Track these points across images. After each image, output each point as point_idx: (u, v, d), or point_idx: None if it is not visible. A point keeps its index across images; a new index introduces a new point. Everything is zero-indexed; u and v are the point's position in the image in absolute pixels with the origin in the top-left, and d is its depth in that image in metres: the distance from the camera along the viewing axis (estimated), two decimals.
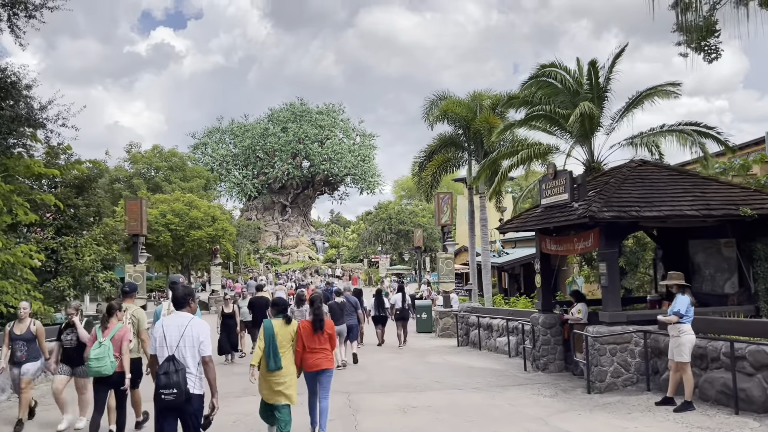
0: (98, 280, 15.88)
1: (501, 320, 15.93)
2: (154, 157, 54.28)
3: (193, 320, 5.52)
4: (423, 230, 44.58)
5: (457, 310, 20.99)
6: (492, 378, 12.16)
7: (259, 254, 75.83)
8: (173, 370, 5.23)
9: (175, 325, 5.47)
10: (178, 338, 5.39)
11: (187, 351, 5.38)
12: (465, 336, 18.32)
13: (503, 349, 15.53)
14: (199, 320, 5.65)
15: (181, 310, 5.63)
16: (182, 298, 5.68)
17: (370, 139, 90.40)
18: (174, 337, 5.40)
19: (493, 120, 22.34)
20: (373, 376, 12.46)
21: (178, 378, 5.21)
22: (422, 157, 25.29)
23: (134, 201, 19.29)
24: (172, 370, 5.23)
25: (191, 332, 5.43)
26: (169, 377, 5.20)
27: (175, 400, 5.20)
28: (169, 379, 5.19)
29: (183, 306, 5.64)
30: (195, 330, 5.46)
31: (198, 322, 5.56)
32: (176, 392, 5.17)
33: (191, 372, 5.35)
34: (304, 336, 7.32)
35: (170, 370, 5.23)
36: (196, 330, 5.47)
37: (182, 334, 5.40)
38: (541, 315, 12.54)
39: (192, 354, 5.40)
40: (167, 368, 5.25)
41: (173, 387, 5.18)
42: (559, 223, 10.87)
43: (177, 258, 36.67)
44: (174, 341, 5.39)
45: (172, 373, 5.22)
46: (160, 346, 5.42)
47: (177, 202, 36.01)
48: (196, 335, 5.44)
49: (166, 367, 5.26)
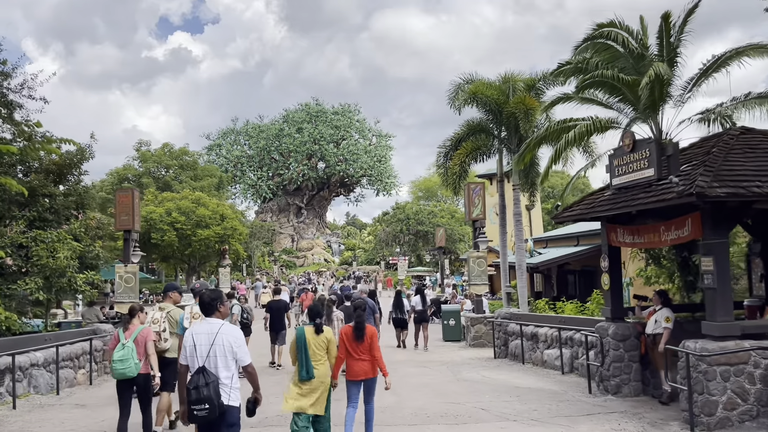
0: (76, 282, 13.60)
1: (550, 329, 13.41)
2: (164, 155, 52.38)
3: (223, 326, 5.12)
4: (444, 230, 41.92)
5: (491, 315, 18.49)
6: (550, 403, 9.65)
7: (274, 256, 73.73)
8: (203, 383, 4.83)
9: (205, 333, 5.08)
10: (208, 347, 5.01)
11: (218, 360, 5.00)
12: (503, 347, 15.79)
13: (553, 364, 13.01)
14: (231, 326, 5.23)
15: (210, 316, 5.22)
16: (209, 304, 5.25)
17: (387, 139, 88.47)
18: (204, 346, 5.02)
19: (530, 101, 19.82)
20: (402, 400, 10.01)
21: (209, 392, 4.82)
22: (448, 145, 22.77)
23: (125, 193, 16.96)
24: (202, 383, 4.83)
25: (222, 340, 5.04)
26: (200, 392, 4.81)
27: (209, 415, 4.82)
28: (200, 394, 4.81)
29: (212, 312, 5.23)
30: (227, 337, 5.06)
31: (229, 329, 5.16)
32: (209, 407, 4.80)
33: (224, 383, 4.97)
34: (347, 342, 7.14)
35: (200, 384, 4.83)
36: (228, 337, 5.07)
37: (213, 342, 5.02)
38: (612, 324, 10.01)
39: (225, 363, 5.02)
40: (197, 382, 4.86)
41: (204, 402, 4.80)
42: (645, 206, 8.36)
43: (183, 259, 34.48)
44: (204, 350, 5.01)
45: (202, 387, 4.82)
46: (190, 356, 5.05)
47: (184, 200, 33.84)
48: (228, 343, 5.05)
49: (196, 381, 4.87)
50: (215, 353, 5.00)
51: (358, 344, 7.10)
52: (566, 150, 13.32)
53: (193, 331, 5.17)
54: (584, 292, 23.50)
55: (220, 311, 5.28)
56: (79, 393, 11.65)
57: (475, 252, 18.64)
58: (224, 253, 31.69)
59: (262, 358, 14.12)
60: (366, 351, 7.12)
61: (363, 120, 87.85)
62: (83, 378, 12.81)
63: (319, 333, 6.87)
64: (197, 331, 5.13)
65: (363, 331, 7.12)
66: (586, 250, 24.62)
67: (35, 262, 12.74)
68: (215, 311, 5.25)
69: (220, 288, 32.47)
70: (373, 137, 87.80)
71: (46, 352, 11.51)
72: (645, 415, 8.66)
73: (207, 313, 5.27)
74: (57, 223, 14.06)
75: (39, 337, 11.98)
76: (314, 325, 6.93)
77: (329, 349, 6.91)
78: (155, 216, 32.19)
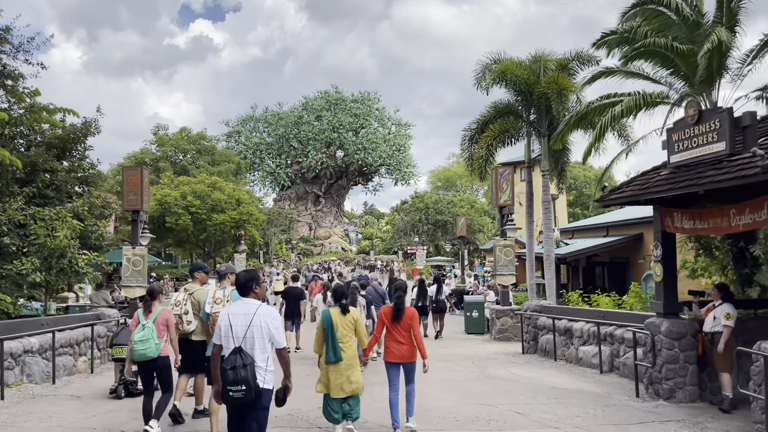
0: (77, 263, 12.70)
1: (586, 324, 12.28)
2: (182, 139, 51.76)
3: (260, 308, 4.99)
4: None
5: (517, 308, 17.40)
6: (594, 408, 8.57)
7: (291, 244, 73.04)
8: (240, 364, 4.70)
9: (241, 314, 4.93)
10: (245, 328, 4.88)
11: (255, 342, 4.86)
12: (532, 341, 14.70)
13: (590, 362, 11.90)
14: (268, 307, 5.12)
15: (247, 296, 5.07)
16: (245, 284, 5.12)
17: (406, 128, 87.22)
18: (241, 327, 4.89)
19: (564, 81, 18.60)
20: (427, 400, 8.98)
21: (247, 373, 4.68)
22: (473, 128, 21.61)
23: (133, 171, 16.09)
24: (240, 364, 4.70)
25: (259, 321, 4.90)
26: (237, 372, 4.67)
27: (245, 397, 4.69)
28: (237, 375, 4.67)
29: (247, 292, 5.08)
30: (264, 319, 4.93)
31: (267, 310, 5.04)
32: (245, 389, 4.67)
33: (260, 365, 4.83)
34: (386, 321, 7.17)
35: (237, 365, 4.70)
36: (265, 318, 4.95)
37: (250, 324, 4.88)
38: (665, 321, 8.88)
39: (261, 346, 4.89)
40: (234, 362, 4.72)
41: (242, 383, 4.66)
42: (717, 185, 7.19)
43: (198, 244, 33.68)
44: (241, 331, 4.88)
45: (239, 367, 4.69)
46: (225, 337, 4.92)
47: (200, 184, 33.00)
48: (265, 324, 4.92)
49: (233, 361, 4.73)
50: (252, 335, 4.86)
51: (396, 325, 7.09)
52: (612, 125, 12.09)
53: (229, 312, 5.02)
54: (613, 285, 22.36)
55: (255, 292, 5.11)
56: (77, 382, 10.80)
57: (502, 240, 17.50)
58: (240, 239, 30.87)
59: None
60: (406, 333, 7.10)
61: (382, 108, 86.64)
62: (84, 366, 11.98)
63: (346, 313, 6.93)
64: (233, 312, 4.98)
65: (402, 312, 7.12)
66: (616, 241, 23.35)
67: (32, 241, 11.86)
68: (251, 292, 5.09)
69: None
70: (393, 126, 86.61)
71: (42, 337, 10.66)
72: (707, 426, 7.55)
73: (243, 294, 5.12)
74: (58, 201, 13.16)
75: (35, 322, 11.13)
76: (340, 306, 6.98)
77: (357, 329, 6.98)
78: (170, 199, 31.44)
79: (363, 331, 7.08)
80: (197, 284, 8.19)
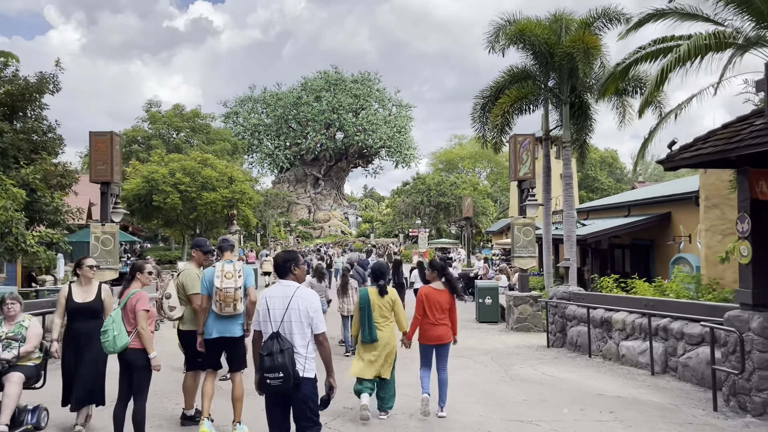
0: (24, 240, 10.67)
1: (630, 315, 10.32)
2: (175, 117, 49.57)
3: (299, 290, 4.60)
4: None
5: (537, 294, 15.47)
6: (667, 426, 6.62)
7: (290, 227, 71.09)
8: (278, 349, 4.33)
9: (279, 296, 4.55)
10: (283, 311, 4.49)
11: (294, 326, 4.47)
12: (559, 333, 12.76)
13: (635, 360, 9.95)
14: (307, 290, 4.70)
15: (285, 278, 4.67)
16: (283, 265, 4.70)
17: (407, 110, 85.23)
18: (279, 311, 4.50)
19: (591, 38, 16.46)
20: (448, 410, 7.03)
21: (284, 359, 4.31)
22: (486, 95, 19.47)
23: (102, 136, 14.07)
24: (277, 350, 4.33)
25: (298, 304, 4.51)
26: (274, 359, 4.31)
27: (282, 384, 4.31)
28: (274, 361, 4.30)
29: (286, 273, 4.67)
30: (303, 302, 4.53)
31: (306, 292, 4.63)
32: (283, 376, 4.29)
33: (299, 352, 4.44)
34: (427, 304, 6.96)
35: (275, 350, 4.33)
36: (304, 301, 4.54)
37: (287, 307, 4.49)
38: (755, 315, 6.88)
39: (300, 330, 4.49)
40: (271, 347, 4.36)
41: (279, 370, 4.28)
42: None
43: (188, 224, 31.62)
44: (279, 315, 4.49)
45: (276, 353, 4.32)
46: (263, 321, 4.54)
47: (190, 161, 30.91)
48: (304, 308, 4.51)
49: (270, 347, 4.36)
50: (290, 318, 4.50)
51: (438, 306, 6.97)
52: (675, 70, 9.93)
53: (267, 294, 4.66)
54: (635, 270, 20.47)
55: (294, 273, 4.71)
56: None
57: (521, 218, 15.50)
58: (232, 219, 28.87)
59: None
60: (442, 315, 6.98)
61: (383, 89, 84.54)
62: None
63: (384, 294, 6.94)
64: (271, 294, 4.62)
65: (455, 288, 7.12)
66: (641, 221, 21.34)
67: None
68: (289, 273, 4.70)
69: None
70: (393, 107, 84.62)
71: None
72: None
73: (281, 275, 4.74)
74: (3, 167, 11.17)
75: None
76: (378, 286, 6.98)
77: (395, 310, 6.99)
78: (157, 176, 29.36)
79: (401, 312, 7.05)
80: (193, 264, 6.77)
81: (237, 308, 6.10)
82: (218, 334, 6.19)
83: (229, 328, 6.21)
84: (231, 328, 6.22)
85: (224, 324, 6.20)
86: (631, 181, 71.99)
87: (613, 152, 73.85)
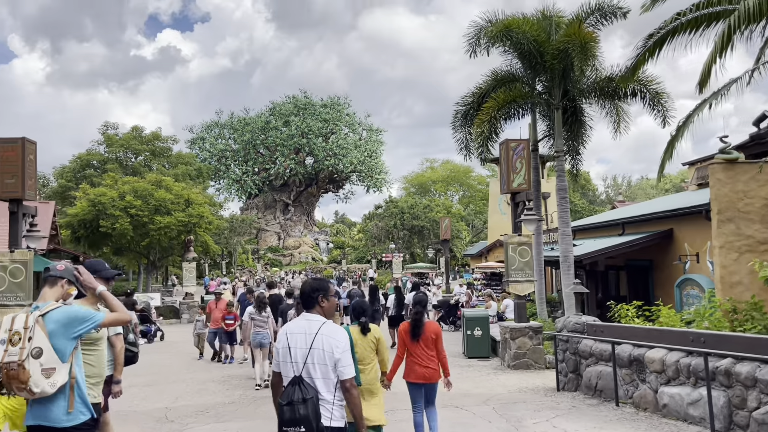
0: None
1: (675, 354, 8.12)
2: (133, 139, 46.84)
3: (324, 326, 3.93)
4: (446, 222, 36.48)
5: (536, 325, 13.25)
6: None
7: (258, 254, 68.10)
8: (299, 399, 3.70)
9: (302, 333, 3.92)
10: (306, 351, 3.87)
11: (317, 369, 3.84)
12: (572, 374, 10.52)
13: (682, 412, 7.76)
14: (334, 326, 4.01)
15: (310, 311, 4.02)
16: (310, 294, 4.03)
17: (378, 134, 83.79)
18: (301, 350, 3.88)
19: (586, 33, 14.65)
20: None
21: (307, 411, 3.68)
22: (468, 102, 17.59)
23: (11, 144, 11.64)
24: (299, 398, 3.70)
25: (322, 344, 3.85)
26: (295, 410, 3.68)
27: None
28: (295, 413, 3.68)
29: (312, 305, 4.01)
30: (328, 341, 3.86)
31: (332, 329, 3.95)
32: (305, 430, 3.68)
33: (325, 398, 3.83)
34: (405, 340, 6.84)
35: (296, 399, 3.70)
36: (330, 341, 3.86)
37: (311, 346, 3.86)
38: None
39: (324, 373, 3.85)
40: (292, 396, 3.73)
41: (301, 423, 3.66)
42: None
43: (140, 251, 28.75)
44: (301, 355, 3.87)
45: (298, 403, 3.69)
46: (283, 362, 3.95)
47: (142, 182, 28.20)
48: (329, 348, 3.84)
49: (291, 394, 3.74)
50: (313, 359, 3.83)
51: (416, 343, 6.72)
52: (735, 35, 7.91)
53: (287, 330, 3.97)
54: (633, 293, 18.50)
55: (322, 306, 4.01)
56: None
57: (516, 236, 13.35)
58: (188, 245, 26.14)
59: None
60: (430, 351, 6.71)
61: (353, 114, 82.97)
62: None
63: (366, 333, 6.09)
64: (292, 330, 3.97)
65: (421, 329, 6.72)
66: (639, 240, 19.40)
67: None
68: (316, 305, 4.00)
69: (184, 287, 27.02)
70: (364, 131, 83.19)
71: None
72: None
73: (307, 307, 4.03)
74: None
75: None
76: (359, 324, 6.15)
77: (379, 349, 6.18)
78: (105, 199, 26.60)
79: (385, 352, 6.26)
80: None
81: (34, 389, 3.64)
82: (33, 421, 3.84)
83: (47, 413, 3.80)
84: (50, 413, 3.79)
85: (40, 407, 3.80)
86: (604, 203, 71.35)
87: (585, 174, 73.45)
